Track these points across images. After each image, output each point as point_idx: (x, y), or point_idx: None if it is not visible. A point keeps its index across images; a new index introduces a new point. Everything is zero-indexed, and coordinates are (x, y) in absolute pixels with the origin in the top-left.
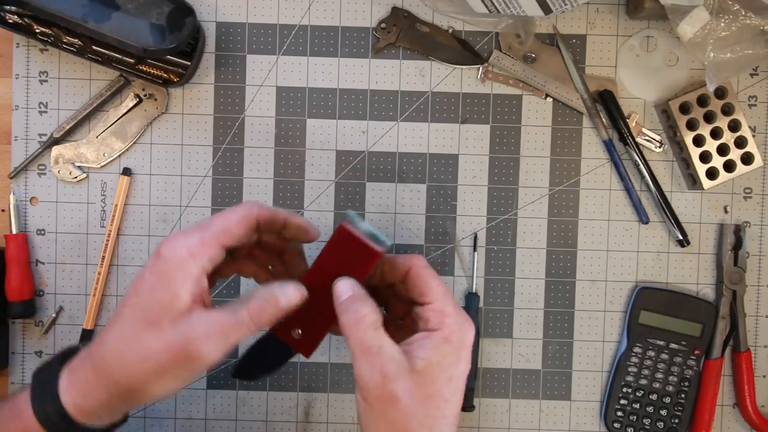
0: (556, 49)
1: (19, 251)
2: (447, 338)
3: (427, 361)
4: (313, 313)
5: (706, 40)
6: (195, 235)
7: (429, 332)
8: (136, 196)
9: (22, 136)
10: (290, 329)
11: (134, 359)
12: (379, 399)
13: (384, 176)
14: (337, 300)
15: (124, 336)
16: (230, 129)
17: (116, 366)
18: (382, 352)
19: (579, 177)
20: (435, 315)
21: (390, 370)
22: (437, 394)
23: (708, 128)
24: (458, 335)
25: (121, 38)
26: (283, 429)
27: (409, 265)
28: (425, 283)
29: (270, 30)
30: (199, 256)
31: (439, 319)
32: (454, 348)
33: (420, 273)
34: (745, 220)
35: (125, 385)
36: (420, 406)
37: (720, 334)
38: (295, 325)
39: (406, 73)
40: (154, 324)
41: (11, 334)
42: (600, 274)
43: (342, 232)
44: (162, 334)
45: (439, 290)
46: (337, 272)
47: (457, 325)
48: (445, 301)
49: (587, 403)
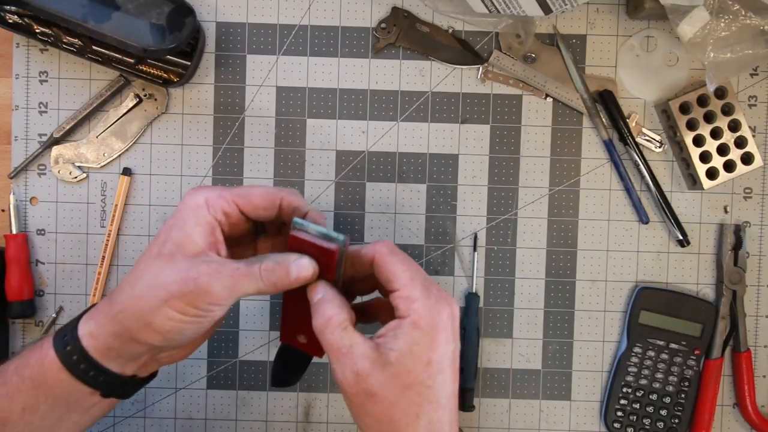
0: (556, 49)
1: (19, 251)
2: (416, 323)
3: (398, 351)
4: (304, 318)
5: (706, 40)
6: (217, 189)
7: (399, 320)
8: (136, 196)
9: (22, 136)
10: (295, 336)
11: (145, 286)
12: (357, 396)
13: (384, 176)
14: (311, 303)
15: (138, 268)
16: (230, 129)
17: (127, 293)
18: (353, 351)
19: (579, 177)
20: (402, 301)
21: (362, 367)
22: (416, 382)
23: (708, 128)
24: (427, 319)
25: (121, 38)
26: (283, 429)
27: (373, 254)
28: (389, 271)
29: (270, 30)
30: (213, 206)
31: (407, 305)
32: (425, 333)
33: (383, 260)
34: (745, 220)
35: (134, 313)
36: (399, 397)
37: (720, 334)
38: (298, 332)
39: (406, 73)
40: (167, 257)
41: (11, 334)
42: (600, 274)
43: (293, 241)
44: (175, 266)
45: (405, 275)
46: None
47: (425, 309)
48: (412, 285)
49: (587, 403)
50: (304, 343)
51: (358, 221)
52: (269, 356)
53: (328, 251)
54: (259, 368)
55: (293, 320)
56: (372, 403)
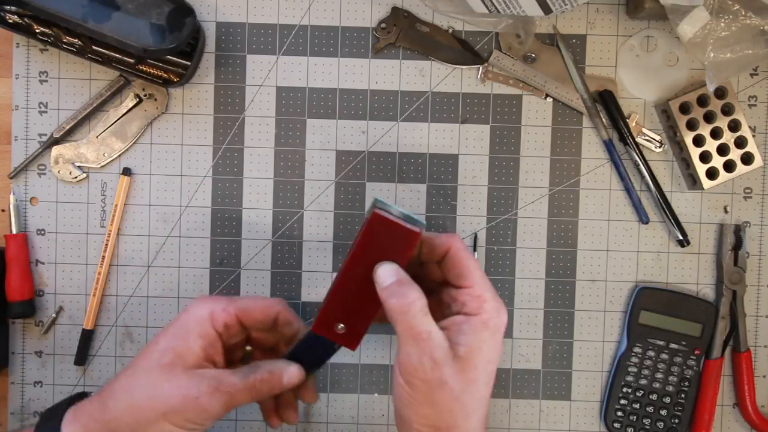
0: (556, 49)
1: (19, 251)
2: (486, 324)
3: (468, 347)
4: (355, 305)
5: (706, 40)
6: (221, 301)
7: (467, 317)
8: (136, 196)
9: (22, 136)
10: (332, 325)
11: (143, 396)
12: (426, 383)
13: (384, 176)
14: (381, 286)
15: (136, 375)
16: (230, 129)
17: (123, 400)
18: (432, 337)
19: (579, 177)
20: (473, 300)
21: (438, 355)
22: (477, 378)
23: (708, 128)
24: (495, 320)
25: (121, 38)
26: (283, 429)
27: (448, 246)
28: (464, 266)
29: (270, 30)
30: (216, 320)
31: (478, 303)
32: (492, 333)
33: (459, 255)
34: (745, 220)
35: (128, 424)
36: (463, 391)
37: (720, 334)
38: (337, 320)
39: (406, 73)
40: (167, 368)
41: (11, 334)
42: (600, 274)
43: (377, 219)
44: (176, 379)
45: (478, 274)
46: (376, 259)
47: (495, 311)
48: (484, 285)
49: (587, 403)
50: (341, 334)
51: (358, 221)
52: None
53: (410, 233)
54: None
55: (337, 307)
56: (441, 392)
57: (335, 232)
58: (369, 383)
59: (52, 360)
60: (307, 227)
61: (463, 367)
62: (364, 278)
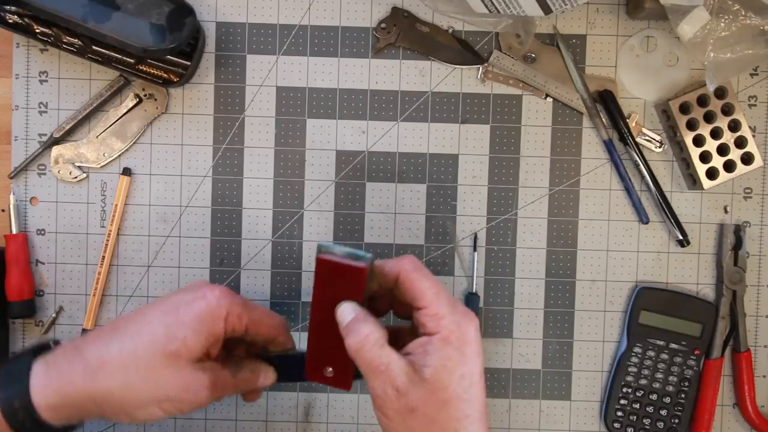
0: (556, 49)
1: (19, 251)
2: (446, 340)
3: (432, 368)
4: (334, 347)
5: (706, 40)
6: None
7: (428, 337)
8: (136, 196)
9: (22, 136)
10: (321, 370)
11: (141, 379)
12: (397, 412)
13: (384, 176)
14: (341, 325)
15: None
16: (230, 129)
17: (117, 377)
18: (390, 367)
19: (579, 177)
20: (430, 319)
21: (401, 383)
22: (453, 397)
23: (708, 128)
24: (456, 334)
25: (121, 38)
26: (283, 429)
27: (398, 270)
28: (415, 288)
29: (270, 30)
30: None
31: (435, 322)
32: (455, 348)
33: (408, 278)
34: (745, 220)
35: (118, 400)
36: (438, 412)
37: (720, 334)
38: (324, 365)
39: (406, 73)
40: (173, 357)
41: (11, 334)
42: (600, 274)
43: (322, 264)
44: (179, 371)
45: (430, 292)
46: (335, 301)
47: (454, 325)
48: (438, 302)
49: (587, 403)
50: (331, 377)
51: (358, 221)
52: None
53: (357, 269)
54: None
55: (319, 353)
56: (413, 418)
57: (335, 232)
58: None
59: None
60: (307, 227)
61: (432, 389)
62: (332, 321)
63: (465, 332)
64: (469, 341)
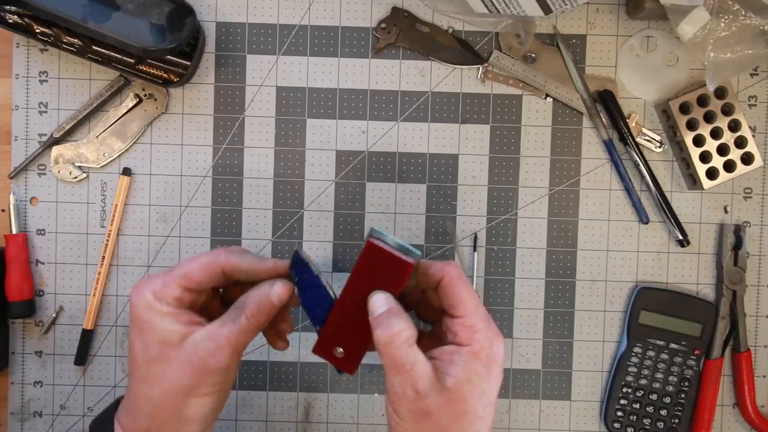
0: (556, 49)
1: (19, 251)
2: (476, 354)
3: (456, 378)
4: (353, 330)
5: (706, 40)
6: (158, 279)
7: (458, 347)
8: (136, 196)
9: (22, 136)
10: (331, 348)
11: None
12: (411, 413)
13: (384, 176)
14: (372, 315)
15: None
16: (230, 129)
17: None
18: (415, 368)
19: (579, 177)
20: (464, 330)
21: (422, 386)
22: (470, 411)
23: (708, 128)
24: (487, 351)
25: (121, 38)
26: (283, 429)
27: (442, 275)
28: (456, 296)
29: (270, 30)
30: (163, 297)
31: (469, 334)
32: (484, 364)
33: (452, 284)
34: (745, 220)
35: (164, 418)
36: (452, 422)
37: (720, 334)
38: (336, 344)
39: (406, 73)
40: (159, 359)
41: (11, 334)
42: (600, 274)
43: (372, 249)
44: (174, 361)
45: (470, 303)
46: (371, 287)
47: (487, 341)
48: (476, 315)
49: (587, 403)
50: (340, 357)
51: (358, 221)
52: (269, 356)
53: (404, 264)
54: (259, 368)
55: (336, 331)
56: (426, 422)
57: (335, 232)
58: (369, 383)
59: (52, 360)
60: (307, 227)
61: (451, 398)
62: (361, 306)
63: (495, 351)
64: (497, 360)
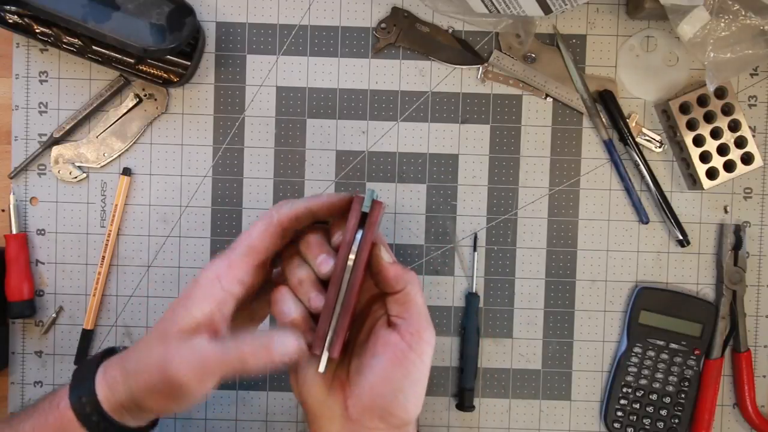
0: (556, 49)
1: (19, 251)
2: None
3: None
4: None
5: (706, 40)
6: (224, 258)
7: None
8: (136, 196)
9: (22, 136)
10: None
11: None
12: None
13: (384, 176)
14: (387, 261)
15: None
16: (230, 129)
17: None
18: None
19: (579, 177)
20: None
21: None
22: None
23: (708, 128)
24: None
25: (121, 38)
26: (283, 429)
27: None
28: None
29: (270, 30)
30: (226, 278)
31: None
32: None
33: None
34: (745, 220)
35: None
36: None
37: (720, 334)
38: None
39: (406, 73)
40: (161, 337)
41: (11, 334)
42: (600, 274)
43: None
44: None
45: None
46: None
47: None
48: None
49: (587, 403)
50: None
51: None
52: None
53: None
54: None
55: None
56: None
57: None
58: None
59: (52, 360)
60: None
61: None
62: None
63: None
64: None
